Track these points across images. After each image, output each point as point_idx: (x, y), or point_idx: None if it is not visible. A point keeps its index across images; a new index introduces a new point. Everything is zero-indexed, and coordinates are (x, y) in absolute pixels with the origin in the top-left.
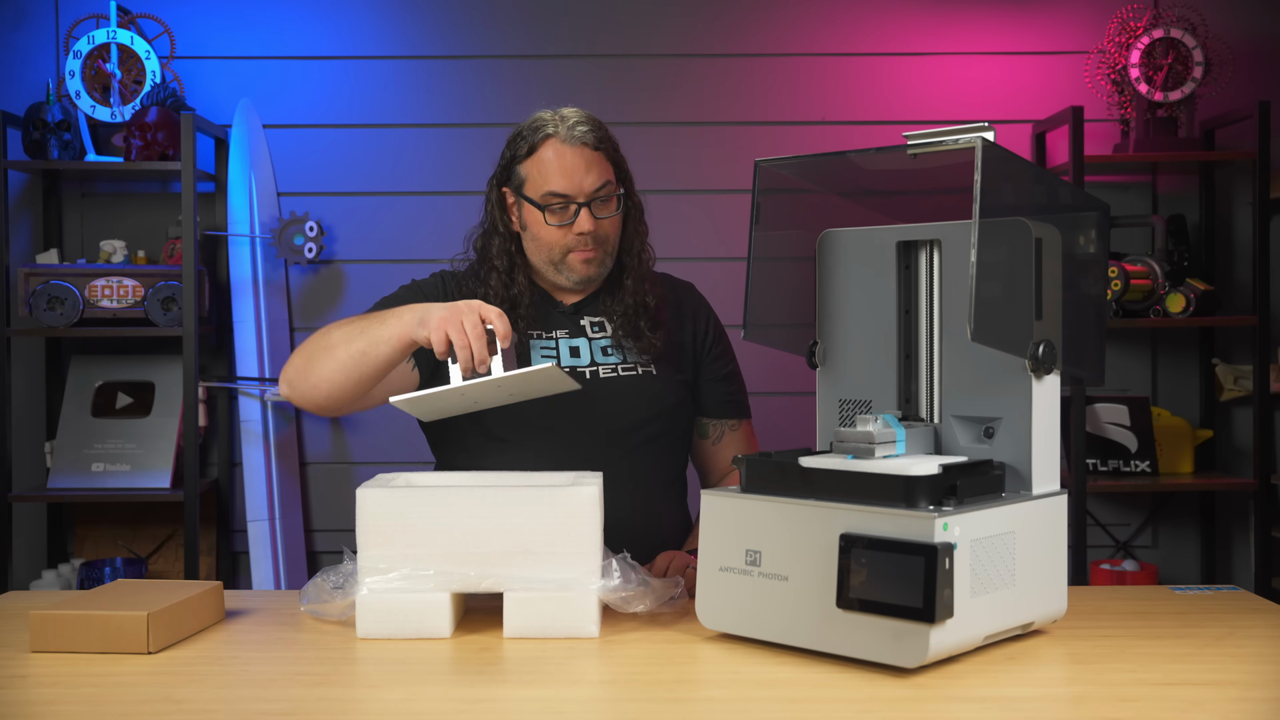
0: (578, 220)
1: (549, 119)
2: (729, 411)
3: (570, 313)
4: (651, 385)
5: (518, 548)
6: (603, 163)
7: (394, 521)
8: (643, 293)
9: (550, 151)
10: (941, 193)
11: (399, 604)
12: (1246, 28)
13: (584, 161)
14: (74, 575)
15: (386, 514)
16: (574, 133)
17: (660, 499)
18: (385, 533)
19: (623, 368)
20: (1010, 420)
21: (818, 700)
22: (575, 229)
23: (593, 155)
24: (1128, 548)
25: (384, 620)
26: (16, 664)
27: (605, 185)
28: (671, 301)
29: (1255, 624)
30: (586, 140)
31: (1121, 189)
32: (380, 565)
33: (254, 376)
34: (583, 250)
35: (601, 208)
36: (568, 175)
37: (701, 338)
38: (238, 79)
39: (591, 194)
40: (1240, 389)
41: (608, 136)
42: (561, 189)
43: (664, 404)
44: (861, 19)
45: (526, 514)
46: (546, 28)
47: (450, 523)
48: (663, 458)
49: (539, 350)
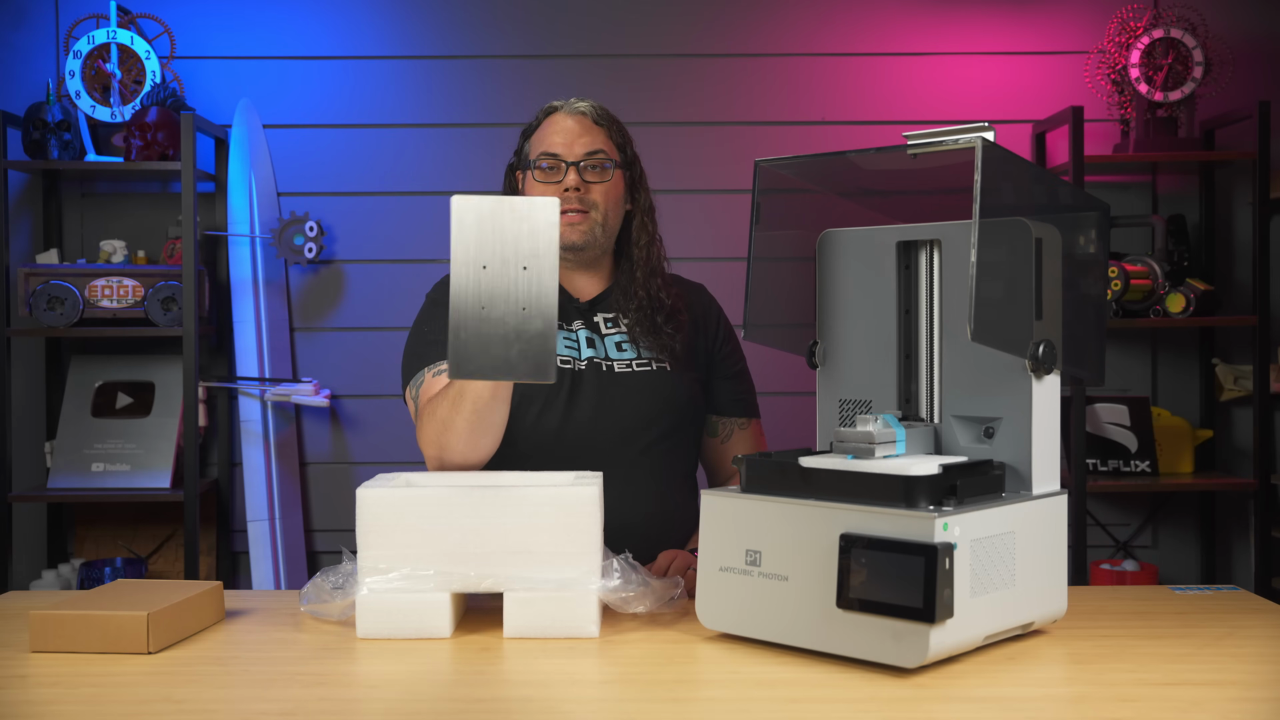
0: (565, 178)
1: (560, 102)
2: (738, 410)
3: (585, 309)
4: (665, 381)
5: (518, 548)
6: (599, 133)
7: (394, 521)
8: (656, 288)
9: (553, 121)
10: (941, 193)
11: (399, 604)
12: (1246, 28)
13: (580, 127)
14: (74, 575)
15: (387, 514)
16: (575, 106)
17: (673, 496)
18: (385, 533)
19: (637, 363)
20: (1010, 420)
21: (818, 700)
22: (561, 186)
23: (589, 124)
24: (1128, 548)
25: (384, 620)
26: (16, 664)
27: (598, 152)
28: (686, 303)
29: (1255, 624)
30: (585, 112)
31: (1121, 189)
32: (380, 565)
33: (254, 376)
34: (569, 210)
35: (592, 173)
36: (562, 136)
37: (712, 337)
38: (238, 79)
39: (582, 156)
40: (1240, 389)
41: (613, 120)
42: (552, 149)
43: (677, 401)
44: (861, 19)
45: (527, 514)
46: (546, 28)
47: (450, 523)
48: (675, 455)
49: (561, 340)
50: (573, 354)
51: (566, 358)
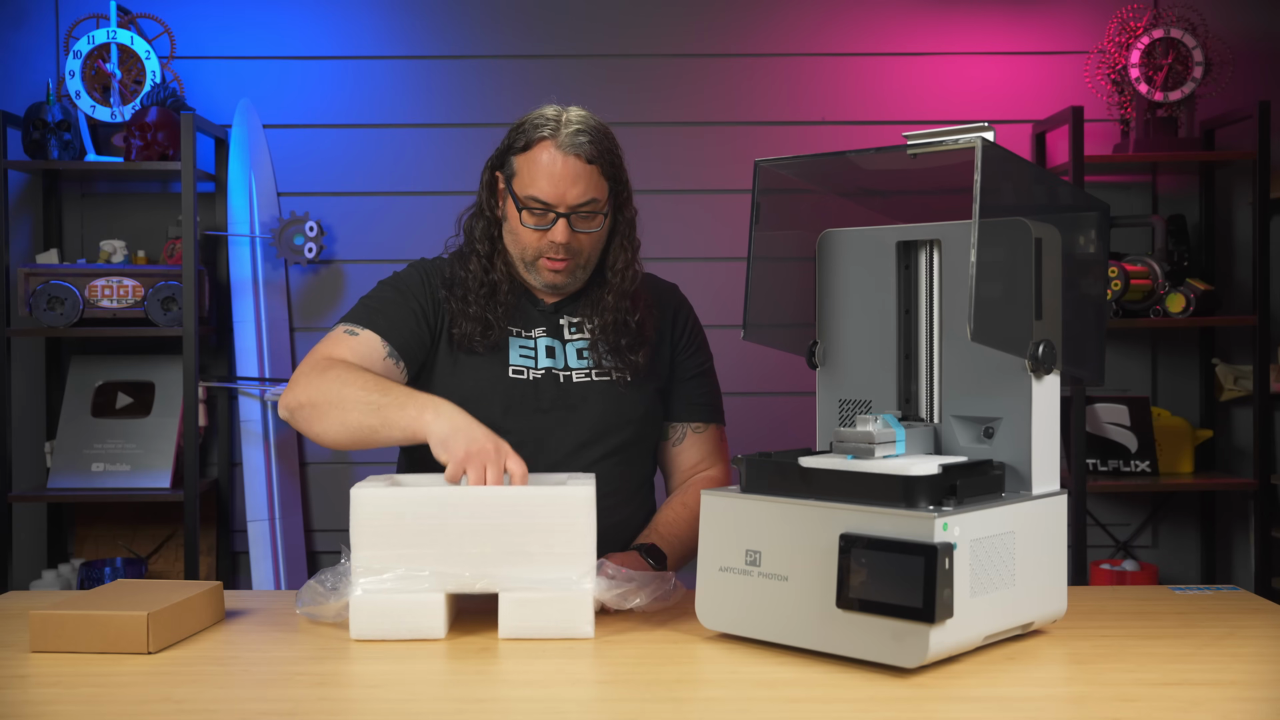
0: (554, 229)
1: (551, 118)
2: (692, 414)
3: (549, 311)
4: (622, 394)
5: (513, 549)
6: (594, 177)
7: (389, 522)
8: (624, 310)
9: (544, 154)
10: (941, 193)
11: (393, 605)
12: (1246, 28)
13: (572, 173)
14: (74, 575)
15: (381, 514)
16: (572, 140)
17: (621, 509)
18: (380, 533)
19: (596, 373)
20: (1010, 420)
21: (818, 700)
22: (549, 236)
23: (585, 169)
24: (1128, 548)
25: (378, 621)
26: (16, 664)
27: (591, 201)
28: (653, 305)
29: (1255, 624)
30: (582, 151)
31: (1121, 189)
32: (374, 566)
33: (254, 376)
34: (554, 259)
35: (582, 222)
36: (553, 183)
37: (677, 337)
38: (238, 79)
39: (574, 206)
40: (1240, 389)
41: (609, 149)
42: (543, 196)
43: (634, 414)
44: (861, 19)
45: (523, 514)
46: (546, 28)
47: (445, 523)
48: (627, 466)
49: (517, 348)
50: (528, 364)
51: (520, 368)
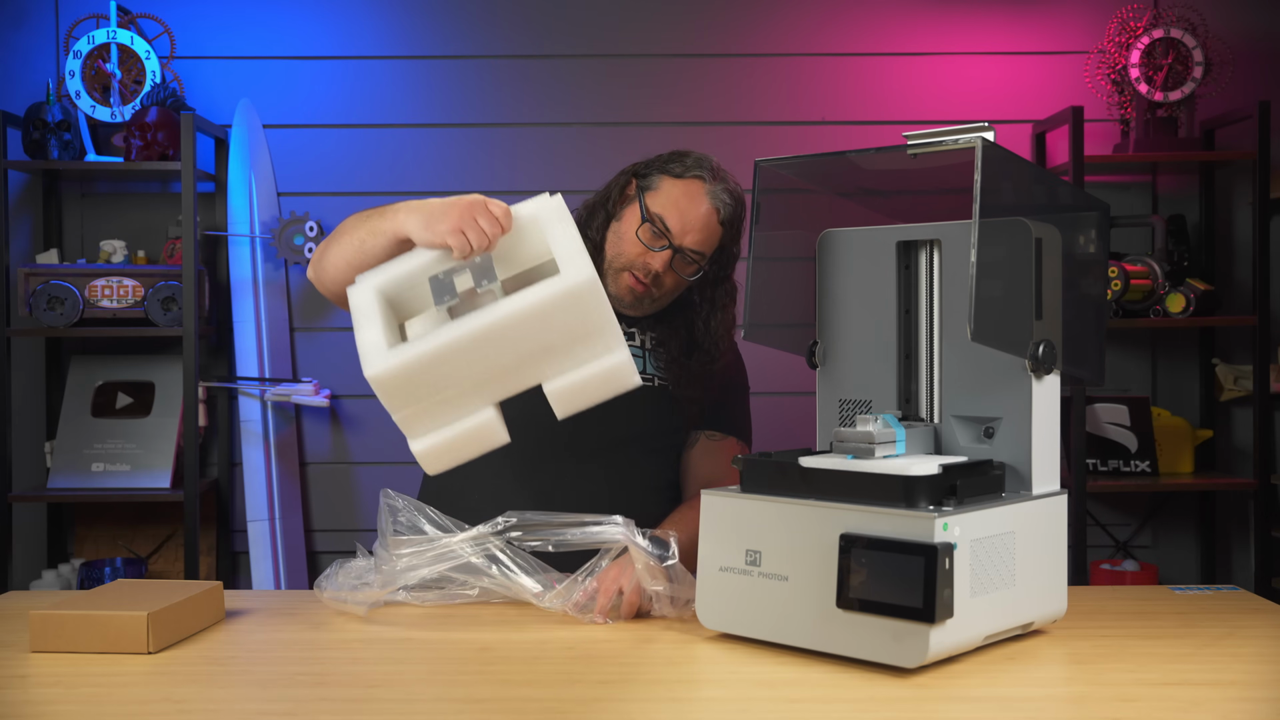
0: (659, 254)
1: (712, 171)
2: (708, 422)
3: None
4: (662, 399)
5: (536, 352)
6: (716, 236)
7: (409, 389)
8: (701, 365)
9: (692, 189)
10: (941, 193)
11: (454, 434)
12: (1246, 28)
13: (704, 221)
14: (74, 575)
15: (402, 385)
16: (719, 197)
17: (651, 505)
18: (411, 394)
19: (642, 376)
20: (1010, 420)
21: (818, 700)
22: (650, 257)
23: (715, 224)
24: (1127, 548)
25: (449, 455)
26: (16, 664)
27: (700, 254)
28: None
29: (1255, 624)
30: (721, 209)
31: (1121, 189)
32: (419, 417)
33: (254, 377)
34: (640, 280)
35: (682, 264)
36: (684, 219)
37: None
38: (238, 79)
39: (686, 247)
40: (1240, 389)
41: (738, 219)
42: (671, 222)
43: (671, 421)
44: (861, 19)
45: (533, 324)
46: (546, 28)
47: (466, 367)
48: (661, 465)
49: None
50: None
51: None
